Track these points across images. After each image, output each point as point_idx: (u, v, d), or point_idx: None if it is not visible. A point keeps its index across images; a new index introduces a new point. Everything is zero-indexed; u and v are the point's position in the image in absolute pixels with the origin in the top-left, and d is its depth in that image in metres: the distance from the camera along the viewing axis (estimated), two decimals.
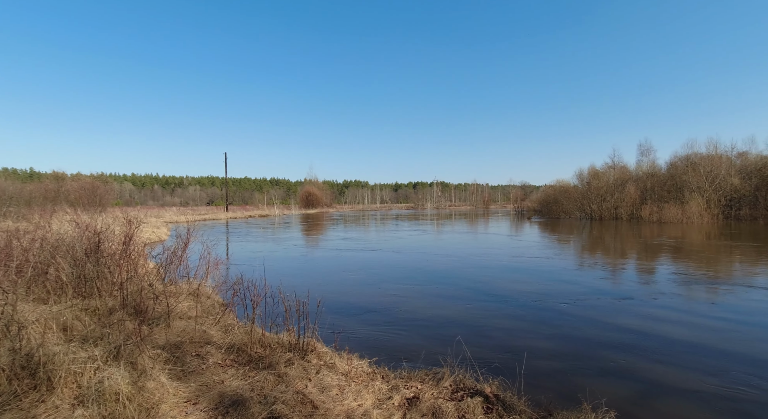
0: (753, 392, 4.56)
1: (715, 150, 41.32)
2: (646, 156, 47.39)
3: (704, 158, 39.88)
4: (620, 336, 6.50)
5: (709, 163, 39.12)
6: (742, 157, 42.87)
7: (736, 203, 38.91)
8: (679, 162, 41.89)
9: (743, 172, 39.87)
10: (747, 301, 8.70)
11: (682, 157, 42.16)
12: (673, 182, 39.75)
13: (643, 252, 17.26)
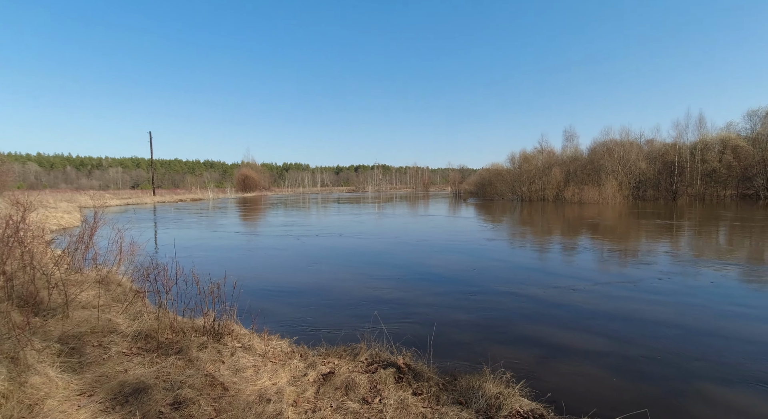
0: (640, 350, 5.18)
1: (627, 137, 45.65)
2: (570, 141, 51.17)
3: (618, 144, 43.84)
4: (533, 307, 7.02)
5: (621, 148, 43.10)
6: (649, 143, 47.78)
7: (643, 185, 43.50)
8: (597, 147, 45.68)
9: (649, 157, 44.52)
10: (648, 272, 9.78)
11: (600, 142, 46.06)
12: (592, 166, 43.30)
13: (566, 230, 18.74)
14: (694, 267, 10.07)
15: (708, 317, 6.35)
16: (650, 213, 26.28)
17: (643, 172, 42.83)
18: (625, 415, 3.36)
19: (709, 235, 16.15)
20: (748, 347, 5.17)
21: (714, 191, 42.63)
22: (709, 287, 8.15)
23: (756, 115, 43.00)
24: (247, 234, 18.21)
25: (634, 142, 45.48)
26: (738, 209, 28.66)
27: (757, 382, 4.25)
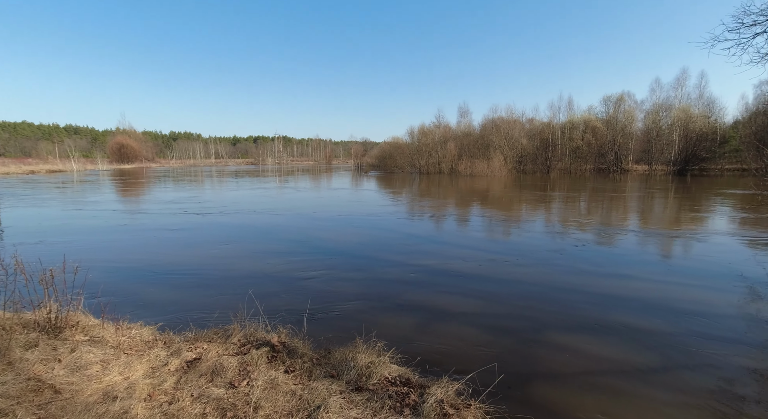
0: (505, 308, 5.77)
1: (512, 115, 49.99)
2: (464, 117, 54.30)
3: (505, 121, 47.82)
4: (418, 275, 7.24)
5: (507, 126, 47.12)
6: (530, 122, 53.03)
7: (524, 159, 48.40)
8: (487, 124, 49.24)
9: (530, 134, 49.50)
10: (524, 238, 10.66)
11: (489, 119, 49.71)
12: (482, 141, 46.67)
13: (459, 201, 19.78)
14: (562, 231, 11.34)
15: (566, 275, 7.22)
16: (530, 185, 29.27)
17: (525, 147, 47.56)
18: (478, 370, 3.60)
19: (574, 203, 18.49)
20: (595, 299, 5.98)
21: (578, 165, 49.32)
22: (571, 249, 9.24)
23: (609, 101, 50.30)
24: (129, 213, 15.64)
25: (517, 119, 50.05)
26: (594, 181, 33.55)
27: (599, 328, 4.93)
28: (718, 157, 44.21)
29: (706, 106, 45.80)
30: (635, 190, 24.40)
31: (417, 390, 3.18)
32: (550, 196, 21.72)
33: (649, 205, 17.59)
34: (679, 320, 5.13)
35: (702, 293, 6.19)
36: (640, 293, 6.16)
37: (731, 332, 4.79)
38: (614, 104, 49.53)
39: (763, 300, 5.83)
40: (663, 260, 8.20)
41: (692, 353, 4.28)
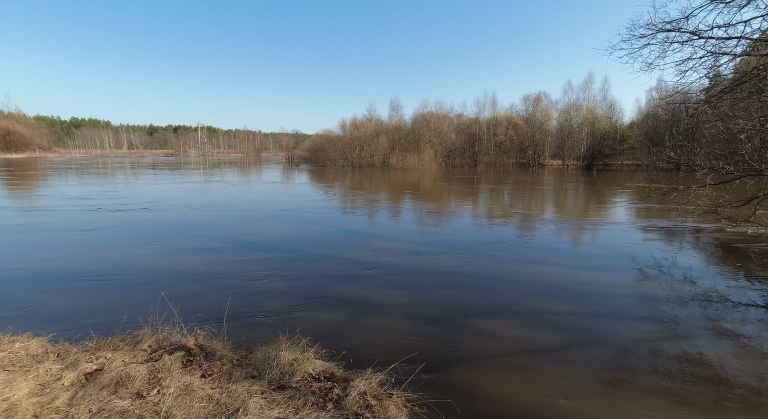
0: (429, 298, 5.88)
1: (441, 110, 51.59)
2: (395, 111, 54.92)
3: (434, 116, 49.19)
4: (349, 269, 7.18)
5: (437, 120, 48.50)
6: (458, 117, 55.13)
7: (453, 153, 50.24)
8: (418, 118, 50.25)
9: (458, 129, 51.46)
10: (450, 229, 10.82)
11: (420, 114, 50.82)
12: (413, 135, 47.55)
13: (392, 194, 19.80)
14: (487, 223, 11.83)
15: (489, 263, 7.56)
16: (458, 178, 30.36)
17: (453, 142, 49.36)
18: (401, 360, 3.67)
19: (498, 196, 19.45)
20: (514, 285, 6.34)
21: (502, 160, 52.35)
22: (494, 239, 9.64)
23: (529, 100, 53.96)
24: (25, 211, 13.51)
25: (446, 115, 51.81)
26: (516, 174, 35.78)
27: (516, 312, 5.24)
28: (618, 153, 49.53)
29: (609, 108, 51.03)
30: (551, 184, 26.40)
31: (341, 384, 3.15)
32: (478, 188, 22.71)
33: (562, 197, 19.12)
34: (584, 301, 5.61)
35: (603, 276, 6.77)
36: (553, 278, 6.62)
37: (626, 309, 5.33)
38: (533, 103, 53.25)
39: (651, 280, 6.46)
40: (572, 247, 8.84)
41: (594, 330, 4.68)
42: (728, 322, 4.82)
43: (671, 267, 7.20)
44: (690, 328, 4.66)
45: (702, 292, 5.89)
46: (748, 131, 7.51)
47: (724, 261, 7.68)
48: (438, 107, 51.98)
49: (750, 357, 4.01)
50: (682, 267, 7.15)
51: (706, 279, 6.48)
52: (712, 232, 10.29)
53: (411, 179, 29.21)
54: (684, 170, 9.65)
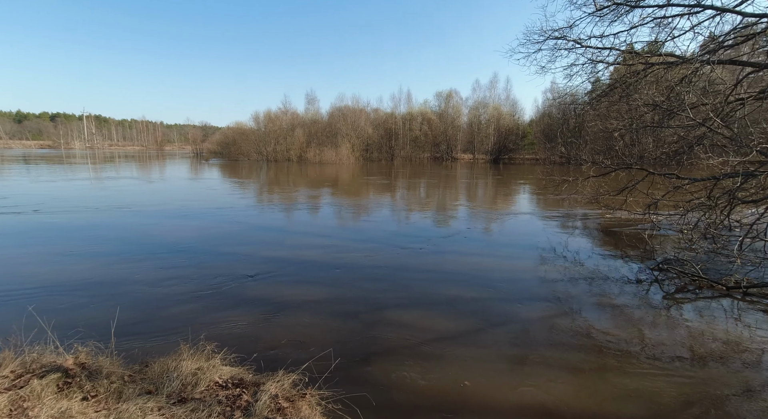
0: (350, 292, 5.77)
1: (358, 104, 51.73)
2: (311, 104, 53.83)
3: (351, 110, 49.14)
4: (263, 267, 6.82)
5: (354, 115, 48.52)
6: (376, 112, 55.75)
7: (370, 148, 50.77)
8: (334, 112, 49.80)
9: (375, 123, 52.07)
10: (372, 224, 10.83)
11: (337, 108, 50.40)
12: (330, 129, 47.02)
13: (310, 188, 19.31)
14: (405, 216, 12.08)
15: (407, 256, 7.71)
16: (376, 172, 30.74)
17: (370, 136, 49.86)
18: (315, 358, 3.59)
19: (415, 189, 20.08)
20: (430, 275, 6.54)
21: (417, 154, 54.24)
22: (412, 231, 9.94)
23: (441, 96, 56.60)
24: None
25: (363, 109, 52.06)
26: (431, 168, 37.31)
27: (430, 302, 5.39)
28: (520, 148, 54.34)
29: (512, 106, 55.70)
30: (463, 177, 28.02)
31: (251, 390, 2.98)
32: (395, 182, 23.21)
33: (474, 190, 20.39)
34: (492, 287, 5.99)
35: (508, 262, 7.32)
36: (465, 267, 6.99)
37: (528, 291, 5.82)
38: (445, 100, 55.96)
39: (549, 264, 7.13)
40: (482, 237, 9.44)
41: (500, 313, 5.03)
42: (609, 296, 5.52)
43: (564, 250, 8.04)
44: (579, 304, 5.24)
45: (588, 272, 6.67)
46: (620, 130, 8.67)
47: (605, 243, 8.81)
48: (354, 101, 52.13)
49: (625, 325, 4.62)
50: (573, 251, 8.03)
51: (591, 260, 7.36)
52: (596, 218, 11.76)
53: (329, 173, 28.90)
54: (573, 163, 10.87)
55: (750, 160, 5.85)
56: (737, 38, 6.56)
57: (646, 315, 4.87)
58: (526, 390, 3.32)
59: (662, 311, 5.02)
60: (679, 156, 8.86)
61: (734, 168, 5.99)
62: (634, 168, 8.20)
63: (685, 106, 6.81)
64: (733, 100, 7.05)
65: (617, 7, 6.57)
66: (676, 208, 7.75)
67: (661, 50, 7.55)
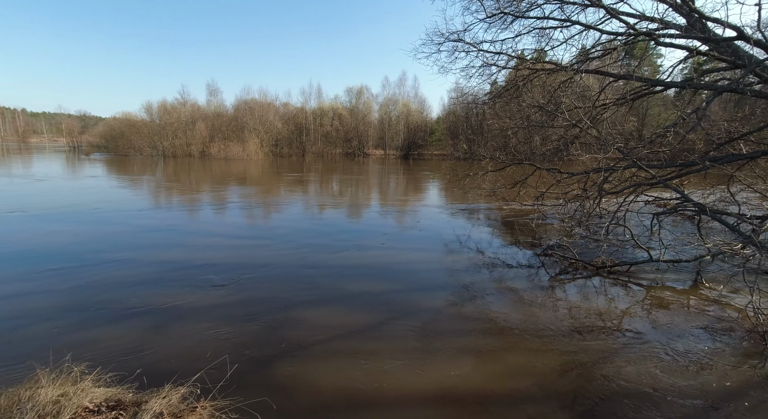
0: (243, 295, 5.45)
1: (266, 98, 49.51)
2: (214, 96, 50.10)
3: (258, 104, 46.82)
4: (152, 273, 6.22)
5: (261, 108, 46.34)
6: (285, 106, 53.87)
7: (280, 143, 49.02)
8: (240, 105, 47.02)
9: (284, 118, 50.34)
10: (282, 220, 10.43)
11: (243, 101, 47.66)
12: (236, 123, 44.31)
13: (214, 185, 17.90)
14: (317, 211, 11.88)
15: (318, 252, 7.55)
16: (287, 168, 29.75)
17: (280, 131, 48.10)
18: (209, 367, 3.37)
19: (328, 185, 19.87)
20: (341, 271, 6.47)
21: (329, 149, 53.77)
22: (323, 227, 9.87)
23: (352, 92, 56.73)
24: None
25: (271, 103, 49.97)
26: (343, 163, 37.27)
27: (340, 297, 5.34)
28: (429, 144, 56.94)
29: (420, 104, 58.02)
30: (375, 172, 28.47)
31: (130, 410, 2.69)
32: (307, 178, 22.71)
33: (385, 185, 20.83)
34: (400, 279, 6.18)
35: (416, 254, 7.62)
36: (374, 260, 7.12)
37: (435, 281, 6.12)
38: (356, 95, 56.22)
39: (455, 254, 7.58)
40: (392, 230, 9.68)
41: (408, 304, 5.15)
42: (506, 281, 6.04)
43: (468, 241, 8.61)
44: (482, 290, 5.65)
45: (489, 260, 7.23)
46: (512, 129, 9.54)
47: (502, 233, 9.65)
48: (262, 95, 49.78)
49: (519, 306, 5.10)
50: (475, 241, 8.64)
51: (491, 249, 7.99)
52: (495, 210, 12.82)
53: (236, 170, 27.24)
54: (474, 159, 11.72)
55: (611, 156, 6.85)
56: (603, 51, 7.62)
57: (535, 297, 5.43)
58: (430, 378, 3.47)
59: (548, 291, 5.64)
60: (560, 152, 10.05)
61: (600, 164, 6.95)
62: (525, 163, 9.09)
63: (562, 109, 7.71)
64: (600, 104, 8.18)
65: (504, 16, 7.19)
66: (557, 200, 8.77)
67: (549, 58, 8.46)
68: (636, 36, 6.62)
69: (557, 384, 3.40)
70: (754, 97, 6.62)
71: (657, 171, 6.88)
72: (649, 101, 32.37)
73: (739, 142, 7.28)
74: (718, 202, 7.17)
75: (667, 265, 6.37)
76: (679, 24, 6.75)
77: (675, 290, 5.65)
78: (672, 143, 6.84)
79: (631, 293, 5.57)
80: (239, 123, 44.08)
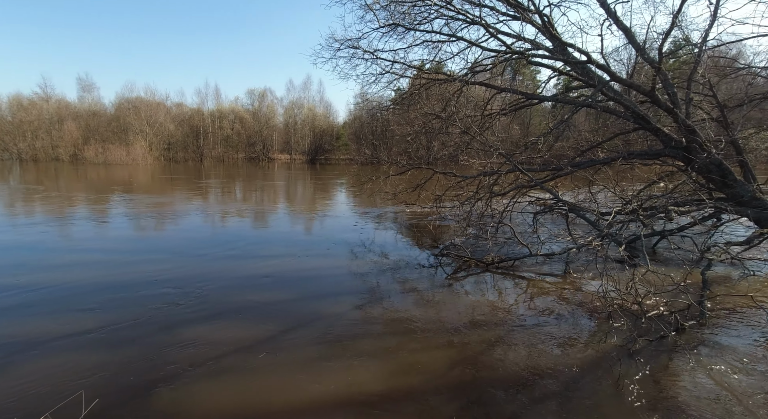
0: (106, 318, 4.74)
1: (154, 97, 44.82)
2: (88, 92, 43.81)
3: (145, 103, 42.14)
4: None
5: (149, 108, 41.80)
6: (178, 107, 49.32)
7: (174, 147, 44.75)
8: (123, 103, 41.84)
9: (178, 120, 46.09)
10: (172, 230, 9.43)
11: (126, 99, 42.47)
12: (119, 123, 39.32)
13: (89, 194, 15.53)
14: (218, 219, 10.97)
15: (213, 263, 7.00)
16: (182, 175, 27.25)
17: (173, 133, 43.91)
18: (60, 406, 2.94)
19: (229, 191, 18.60)
20: (239, 282, 6.08)
21: (231, 154, 50.67)
22: (222, 237, 9.22)
23: (254, 94, 54.29)
24: None
25: (161, 102, 45.42)
26: (246, 168, 35.40)
27: (236, 310, 4.99)
28: (336, 149, 56.92)
29: (326, 108, 57.78)
30: (281, 178, 27.54)
31: None
32: (206, 185, 21.06)
33: (291, 190, 20.24)
34: (303, 286, 6.00)
35: (322, 261, 7.50)
36: (276, 269, 6.80)
37: (341, 286, 6.04)
38: (258, 98, 53.88)
39: (359, 258, 7.62)
40: (296, 237, 9.42)
41: (310, 311, 5.02)
42: (409, 282, 6.23)
43: (372, 245, 8.72)
44: (385, 292, 5.74)
45: (393, 262, 7.39)
46: (411, 135, 9.98)
47: (405, 235, 9.98)
48: (149, 93, 44.90)
49: (420, 305, 5.28)
50: (380, 244, 8.79)
51: (396, 251, 8.20)
52: (399, 213, 13.24)
53: (118, 176, 24.14)
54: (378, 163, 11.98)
55: (496, 161, 7.54)
56: (491, 65, 8.37)
57: (434, 295, 5.68)
58: (328, 388, 3.38)
59: (446, 289, 5.95)
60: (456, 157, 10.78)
61: (487, 168, 7.60)
62: (424, 167, 9.54)
63: (454, 117, 8.28)
64: (488, 113, 8.95)
65: (397, 27, 7.50)
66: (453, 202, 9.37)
67: (448, 69, 9.02)
68: (512, 54, 7.39)
69: (451, 376, 3.57)
70: (604, 112, 7.85)
71: (535, 174, 7.76)
72: (532, 111, 36.68)
73: (597, 150, 8.55)
74: (586, 202, 8.32)
75: (544, 259, 7.18)
76: (547, 46, 7.71)
77: (550, 281, 6.39)
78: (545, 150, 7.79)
79: (516, 285, 6.16)
80: (122, 123, 39.18)
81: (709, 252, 5.83)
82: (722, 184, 6.91)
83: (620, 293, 4.71)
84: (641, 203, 5.91)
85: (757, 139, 12.76)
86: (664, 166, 8.20)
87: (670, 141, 7.06)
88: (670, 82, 7.07)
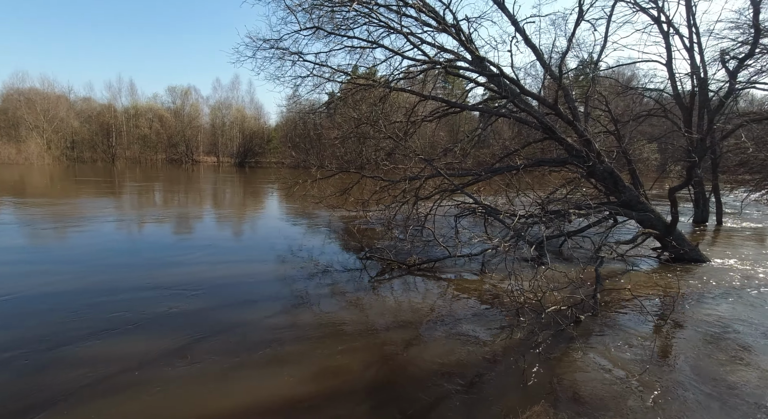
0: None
1: (53, 89, 39.81)
2: None
3: (43, 96, 37.32)
4: None
5: (47, 102, 37.06)
6: (86, 101, 44.37)
7: (79, 146, 40.12)
8: (14, 95, 36.64)
9: (84, 116, 41.44)
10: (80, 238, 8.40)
11: (16, 90, 37.25)
12: (6, 117, 34.33)
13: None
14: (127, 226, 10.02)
15: (109, 274, 6.34)
16: (88, 177, 24.52)
17: (77, 131, 39.38)
18: None
19: (146, 195, 17.04)
20: (150, 293, 5.54)
21: (149, 155, 46.67)
22: (136, 244, 8.40)
23: (176, 92, 50.63)
24: None
25: (63, 96, 40.52)
26: (167, 171, 32.83)
27: (143, 322, 4.53)
28: (266, 152, 54.97)
29: (257, 110, 55.62)
30: (205, 181, 25.90)
31: None
32: (116, 189, 19.15)
33: (215, 195, 19.12)
34: (226, 294, 5.67)
35: (246, 267, 7.20)
36: (192, 277, 6.36)
37: (265, 293, 5.78)
38: (181, 96, 50.35)
39: (287, 264, 7.38)
40: (222, 244, 8.88)
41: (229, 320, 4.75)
42: (335, 286, 6.15)
43: (300, 249, 8.50)
44: (311, 296, 5.62)
45: (322, 266, 7.25)
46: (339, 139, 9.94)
47: (332, 239, 9.88)
48: (47, 84, 39.77)
49: (345, 308, 5.23)
50: (308, 249, 8.59)
51: (322, 256, 8.06)
52: (327, 217, 13.08)
53: (6, 178, 21.03)
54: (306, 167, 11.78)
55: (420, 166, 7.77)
56: (419, 72, 8.60)
57: (358, 298, 5.66)
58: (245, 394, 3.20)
59: (369, 292, 5.96)
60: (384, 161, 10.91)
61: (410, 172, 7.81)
62: (351, 171, 9.53)
63: (380, 122, 8.39)
64: (413, 120, 9.20)
65: (317, 30, 7.44)
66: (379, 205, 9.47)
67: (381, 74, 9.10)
68: (433, 64, 7.69)
69: (367, 377, 3.57)
70: (518, 121, 8.46)
71: (457, 179, 8.11)
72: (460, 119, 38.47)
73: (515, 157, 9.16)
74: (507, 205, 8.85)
75: (464, 259, 7.52)
76: (467, 58, 8.13)
77: (468, 280, 6.69)
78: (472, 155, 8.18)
79: (437, 286, 6.36)
80: (11, 118, 34.29)
81: (602, 251, 6.52)
82: (615, 190, 7.79)
83: (523, 291, 5.06)
84: (543, 206, 6.44)
85: (648, 150, 14.31)
86: (570, 172, 9.03)
87: (573, 150, 7.80)
88: (571, 97, 7.84)
